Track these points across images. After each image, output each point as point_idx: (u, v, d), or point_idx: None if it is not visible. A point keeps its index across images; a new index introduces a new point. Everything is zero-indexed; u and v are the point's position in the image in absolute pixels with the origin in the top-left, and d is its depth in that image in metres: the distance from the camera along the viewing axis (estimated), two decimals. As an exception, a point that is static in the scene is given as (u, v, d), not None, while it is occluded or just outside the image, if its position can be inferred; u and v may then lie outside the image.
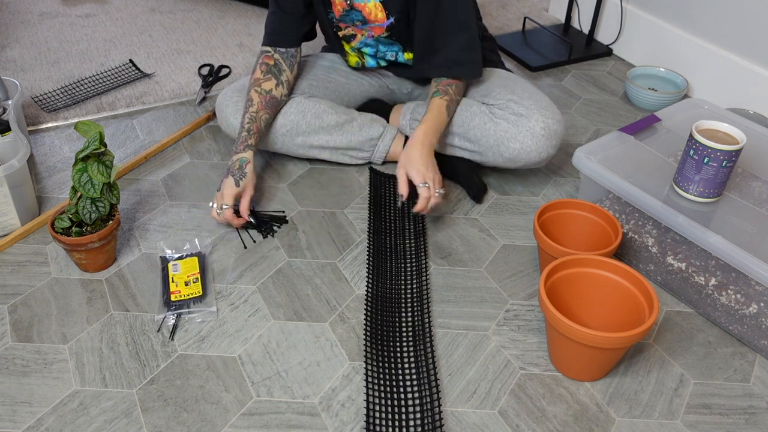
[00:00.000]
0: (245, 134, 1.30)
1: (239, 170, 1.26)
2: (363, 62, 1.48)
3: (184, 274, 1.17)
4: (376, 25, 1.35)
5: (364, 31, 1.38)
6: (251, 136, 1.30)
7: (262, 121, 1.32)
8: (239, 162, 1.27)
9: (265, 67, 1.35)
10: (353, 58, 1.48)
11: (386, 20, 1.33)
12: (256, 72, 1.36)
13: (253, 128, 1.31)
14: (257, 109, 1.32)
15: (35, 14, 2.20)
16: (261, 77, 1.34)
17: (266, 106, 1.33)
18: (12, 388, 1.00)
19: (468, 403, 0.99)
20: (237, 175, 1.26)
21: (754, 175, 1.26)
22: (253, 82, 1.35)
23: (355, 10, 1.32)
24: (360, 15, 1.34)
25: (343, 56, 1.50)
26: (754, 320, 1.07)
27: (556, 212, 1.22)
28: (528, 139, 1.30)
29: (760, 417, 0.99)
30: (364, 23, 1.36)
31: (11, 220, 1.26)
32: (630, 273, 1.02)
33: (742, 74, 1.68)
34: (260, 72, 1.35)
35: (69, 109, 1.68)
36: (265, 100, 1.33)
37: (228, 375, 1.02)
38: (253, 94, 1.33)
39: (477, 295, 1.18)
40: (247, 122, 1.31)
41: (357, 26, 1.37)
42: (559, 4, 2.24)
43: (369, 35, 1.40)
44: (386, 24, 1.34)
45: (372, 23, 1.35)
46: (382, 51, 1.44)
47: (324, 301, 1.16)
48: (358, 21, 1.36)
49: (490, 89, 1.38)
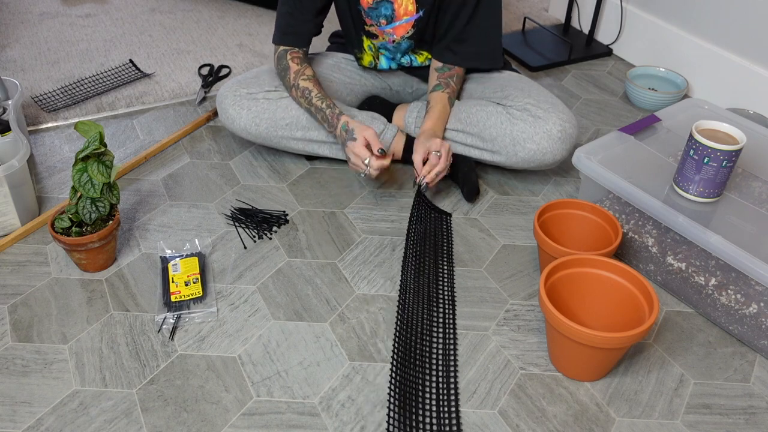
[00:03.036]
0: (329, 110, 1.34)
1: (347, 132, 1.31)
2: (377, 63, 1.49)
3: (184, 274, 1.17)
4: (401, 22, 1.37)
5: (385, 33, 1.40)
6: (333, 107, 1.35)
7: (327, 97, 1.37)
8: (342, 128, 1.32)
9: (299, 59, 1.39)
10: (368, 57, 1.49)
11: (416, 13, 1.36)
12: (292, 66, 1.38)
13: (329, 102, 1.35)
14: (317, 90, 1.36)
15: (35, 14, 2.20)
16: (300, 67, 1.38)
17: (320, 86, 1.38)
18: (12, 388, 1.00)
19: (468, 403, 0.99)
20: (348, 137, 1.30)
21: (754, 175, 1.26)
22: (295, 75, 1.38)
23: (385, 3, 1.34)
24: (390, 8, 1.35)
25: (358, 54, 1.50)
26: (754, 320, 1.07)
27: (556, 212, 1.22)
28: (545, 141, 1.32)
29: (760, 417, 0.99)
30: (389, 22, 1.37)
31: (11, 220, 1.26)
32: (630, 273, 1.02)
33: (742, 74, 1.68)
34: (296, 64, 1.39)
35: (69, 109, 1.68)
36: (316, 82, 1.38)
37: (228, 375, 1.02)
38: (304, 83, 1.37)
39: (477, 295, 1.18)
40: (321, 103, 1.35)
41: (380, 26, 1.39)
42: (559, 4, 2.24)
43: (390, 39, 1.41)
44: (414, 18, 1.37)
45: (398, 20, 1.37)
46: (398, 58, 1.47)
47: (324, 301, 1.16)
48: (383, 19, 1.37)
49: (507, 92, 1.40)
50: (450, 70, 1.41)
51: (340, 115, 1.33)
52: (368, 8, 1.37)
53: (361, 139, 1.29)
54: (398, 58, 1.47)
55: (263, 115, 1.40)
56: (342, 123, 1.32)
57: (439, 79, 1.40)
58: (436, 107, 1.38)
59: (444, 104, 1.39)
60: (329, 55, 1.56)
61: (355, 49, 1.50)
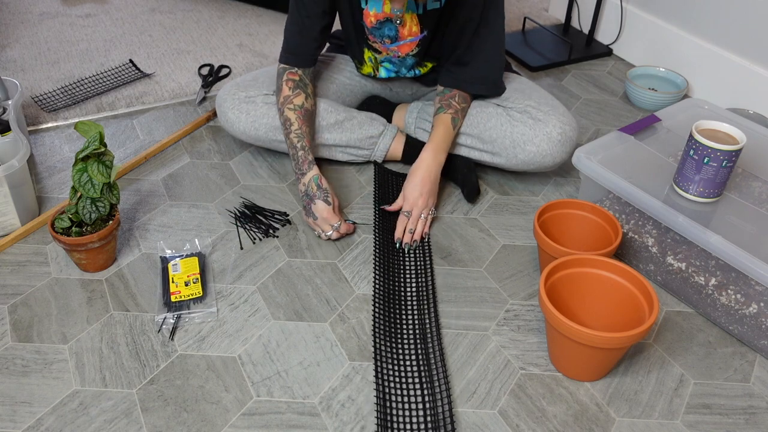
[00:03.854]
0: (302, 153, 1.28)
1: (319, 189, 1.24)
2: (376, 74, 1.47)
3: (184, 274, 1.17)
4: (406, 41, 1.34)
5: (390, 50, 1.38)
6: (308, 152, 1.29)
7: (308, 135, 1.31)
8: (313, 181, 1.25)
9: (293, 83, 1.34)
10: (367, 69, 1.46)
11: (420, 34, 1.33)
12: (284, 90, 1.33)
13: (305, 144, 1.29)
14: (298, 126, 1.30)
15: (35, 14, 2.20)
16: (291, 94, 1.33)
17: (305, 120, 1.32)
18: (12, 388, 1.00)
19: (468, 403, 0.99)
20: (320, 195, 1.24)
21: (754, 175, 1.26)
22: (283, 100, 1.33)
23: (389, 23, 1.31)
24: (394, 29, 1.32)
25: (358, 64, 1.49)
26: (754, 320, 1.07)
27: (556, 212, 1.22)
28: (544, 144, 1.32)
29: (760, 417, 0.99)
30: (394, 40, 1.35)
31: (11, 220, 1.26)
32: (630, 273, 1.02)
33: (742, 74, 1.68)
34: (288, 89, 1.33)
35: (69, 109, 1.68)
36: (301, 115, 1.32)
37: (228, 375, 1.02)
38: (288, 113, 1.31)
39: (477, 295, 1.18)
40: (297, 141, 1.29)
41: (385, 44, 1.36)
42: (559, 4, 2.24)
43: (395, 55, 1.39)
44: (419, 38, 1.34)
45: (402, 40, 1.34)
46: (403, 72, 1.45)
47: (324, 301, 1.16)
48: (387, 38, 1.34)
49: (508, 93, 1.40)
50: (450, 91, 1.37)
51: (312, 164, 1.28)
52: (372, 27, 1.34)
53: (335, 203, 1.25)
54: (403, 72, 1.45)
55: (262, 119, 1.40)
56: (314, 175, 1.26)
57: (440, 102, 1.36)
58: (437, 130, 1.33)
59: (447, 126, 1.33)
60: (327, 55, 1.55)
61: (354, 59, 1.49)
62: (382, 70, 1.46)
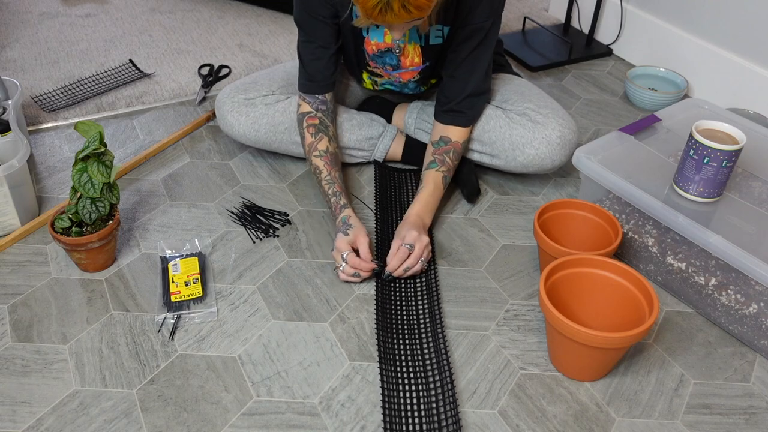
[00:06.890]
0: (334, 199, 1.27)
1: (344, 225, 1.21)
2: (377, 88, 1.46)
3: (184, 275, 1.17)
4: (408, 70, 1.34)
5: (391, 76, 1.37)
6: (340, 197, 1.27)
7: (338, 180, 1.29)
8: (342, 221, 1.23)
9: (314, 129, 1.32)
10: (367, 84, 1.46)
11: (421, 64, 1.33)
12: (307, 137, 1.31)
13: (336, 189, 1.27)
14: (327, 172, 1.29)
15: (35, 14, 2.20)
16: (314, 140, 1.31)
17: (332, 165, 1.30)
18: (12, 388, 1.00)
19: (468, 403, 0.99)
20: (343, 228, 1.21)
21: (754, 175, 1.26)
22: (308, 148, 1.31)
23: (390, 53, 1.31)
24: (395, 58, 1.31)
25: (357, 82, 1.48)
26: (754, 320, 1.07)
27: (556, 212, 1.22)
28: (543, 146, 1.31)
29: (760, 417, 0.99)
30: (395, 68, 1.34)
31: (11, 220, 1.26)
32: (630, 273, 1.02)
33: (742, 74, 1.68)
34: (310, 135, 1.31)
35: (69, 109, 1.68)
36: (328, 160, 1.30)
37: (228, 375, 1.02)
38: (316, 161, 1.30)
39: (477, 295, 1.18)
40: (328, 189, 1.28)
41: (386, 70, 1.36)
42: (559, 4, 2.24)
43: (396, 80, 1.39)
44: (420, 68, 1.34)
45: (404, 68, 1.34)
46: (405, 91, 1.45)
47: (324, 301, 1.16)
48: (389, 66, 1.34)
49: (507, 96, 1.39)
50: (446, 144, 1.32)
51: (344, 208, 1.25)
52: (373, 54, 1.33)
53: (352, 237, 1.18)
54: (405, 91, 1.44)
55: (261, 120, 1.40)
56: (344, 215, 1.23)
57: (434, 155, 1.31)
58: (427, 188, 1.27)
59: (437, 184, 1.28)
60: None
61: (353, 77, 1.48)
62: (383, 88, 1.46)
